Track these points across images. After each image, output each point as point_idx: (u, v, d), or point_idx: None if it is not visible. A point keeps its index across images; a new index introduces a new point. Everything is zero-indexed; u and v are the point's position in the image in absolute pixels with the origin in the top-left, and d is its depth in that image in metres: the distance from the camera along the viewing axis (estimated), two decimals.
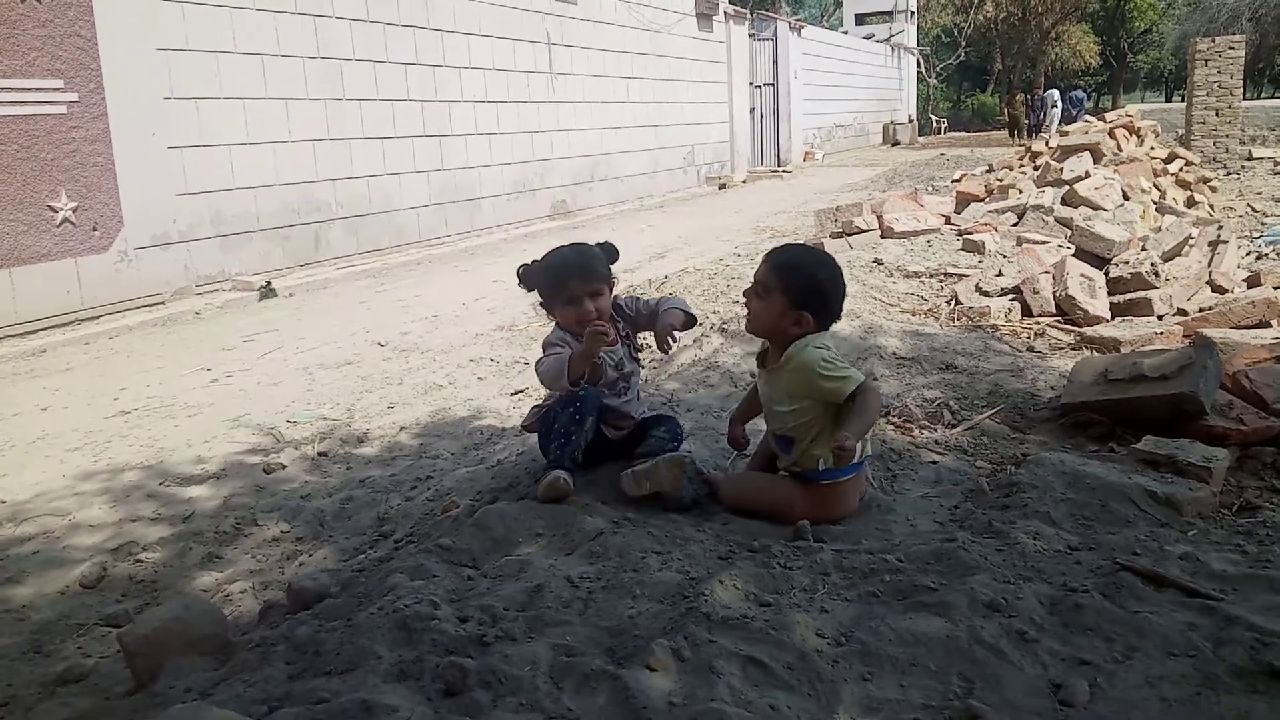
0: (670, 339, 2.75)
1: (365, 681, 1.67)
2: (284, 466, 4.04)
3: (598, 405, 2.67)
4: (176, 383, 5.56)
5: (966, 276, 6.14)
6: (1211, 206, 10.21)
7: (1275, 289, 5.19)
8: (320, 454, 4.19)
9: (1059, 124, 22.58)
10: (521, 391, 4.88)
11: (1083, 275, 5.43)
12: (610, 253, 2.83)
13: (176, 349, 6.54)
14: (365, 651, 1.76)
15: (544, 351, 2.73)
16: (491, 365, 5.46)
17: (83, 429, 4.73)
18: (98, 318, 7.41)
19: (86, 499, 3.77)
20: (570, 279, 2.71)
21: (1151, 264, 5.56)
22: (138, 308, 7.74)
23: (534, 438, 2.85)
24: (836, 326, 2.88)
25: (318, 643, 1.87)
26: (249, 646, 2.01)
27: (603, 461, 2.77)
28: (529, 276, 2.81)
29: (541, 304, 2.85)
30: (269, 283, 8.50)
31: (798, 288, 2.45)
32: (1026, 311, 5.38)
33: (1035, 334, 5.07)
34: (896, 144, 31.96)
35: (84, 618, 2.80)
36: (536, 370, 2.73)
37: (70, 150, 7.24)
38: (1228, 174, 13.90)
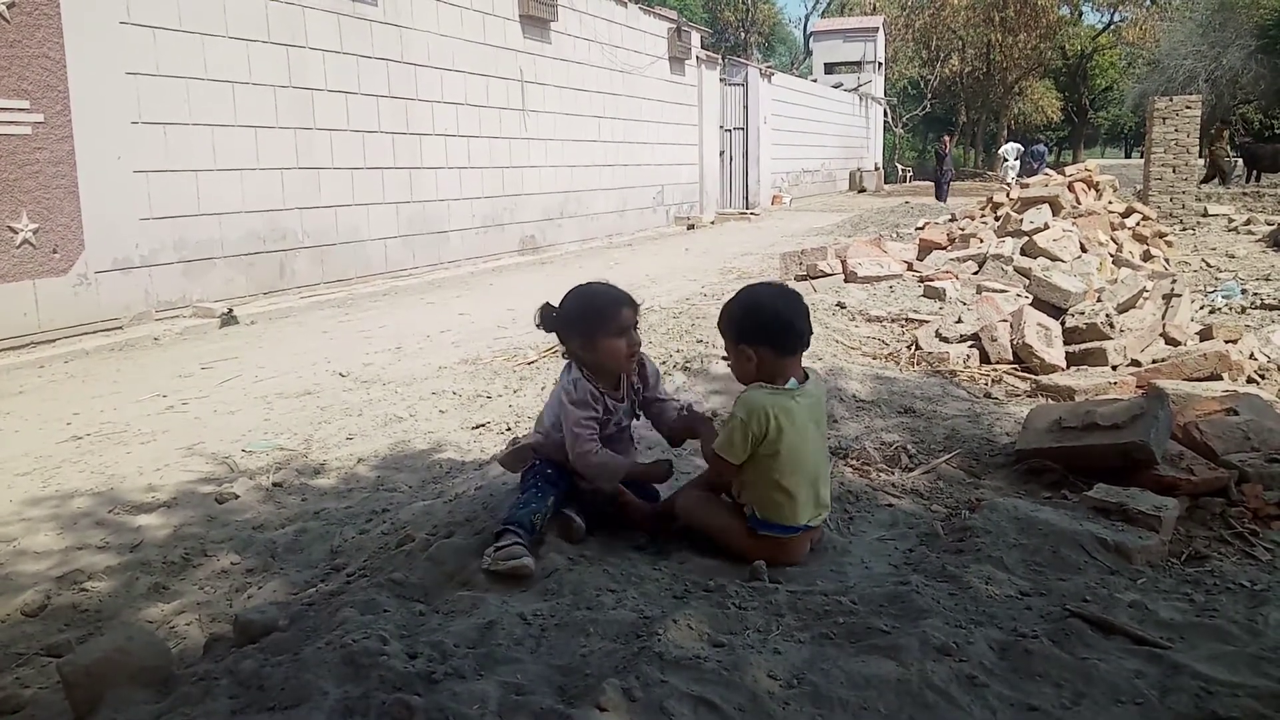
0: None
1: (309, 718, 1.64)
2: (237, 496, 3.98)
3: (564, 489, 2.61)
4: (131, 409, 5.47)
5: (927, 322, 6.22)
6: (1167, 261, 10.46)
7: (1227, 343, 5.31)
8: (275, 484, 4.13)
9: (1017, 176, 23.07)
10: (483, 425, 4.85)
11: (1040, 324, 5.52)
12: None
13: (133, 375, 6.44)
14: (310, 687, 1.73)
15: (573, 408, 2.55)
16: (454, 398, 5.43)
17: (33, 453, 4.63)
18: (54, 341, 7.29)
19: (33, 525, 3.68)
20: (624, 306, 2.59)
21: (1107, 315, 5.67)
22: (95, 332, 7.62)
23: (495, 470, 2.81)
24: None
25: (262, 677, 1.84)
26: (192, 680, 1.96)
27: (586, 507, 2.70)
28: (564, 315, 2.62)
29: (575, 341, 2.63)
30: (231, 310, 8.41)
31: (732, 325, 2.54)
32: (985, 358, 5.46)
33: (992, 381, 5.14)
34: (863, 191, 32.50)
35: (25, 647, 2.73)
36: (579, 448, 2.54)
37: (33, 171, 7.15)
38: (1183, 229, 14.25)
